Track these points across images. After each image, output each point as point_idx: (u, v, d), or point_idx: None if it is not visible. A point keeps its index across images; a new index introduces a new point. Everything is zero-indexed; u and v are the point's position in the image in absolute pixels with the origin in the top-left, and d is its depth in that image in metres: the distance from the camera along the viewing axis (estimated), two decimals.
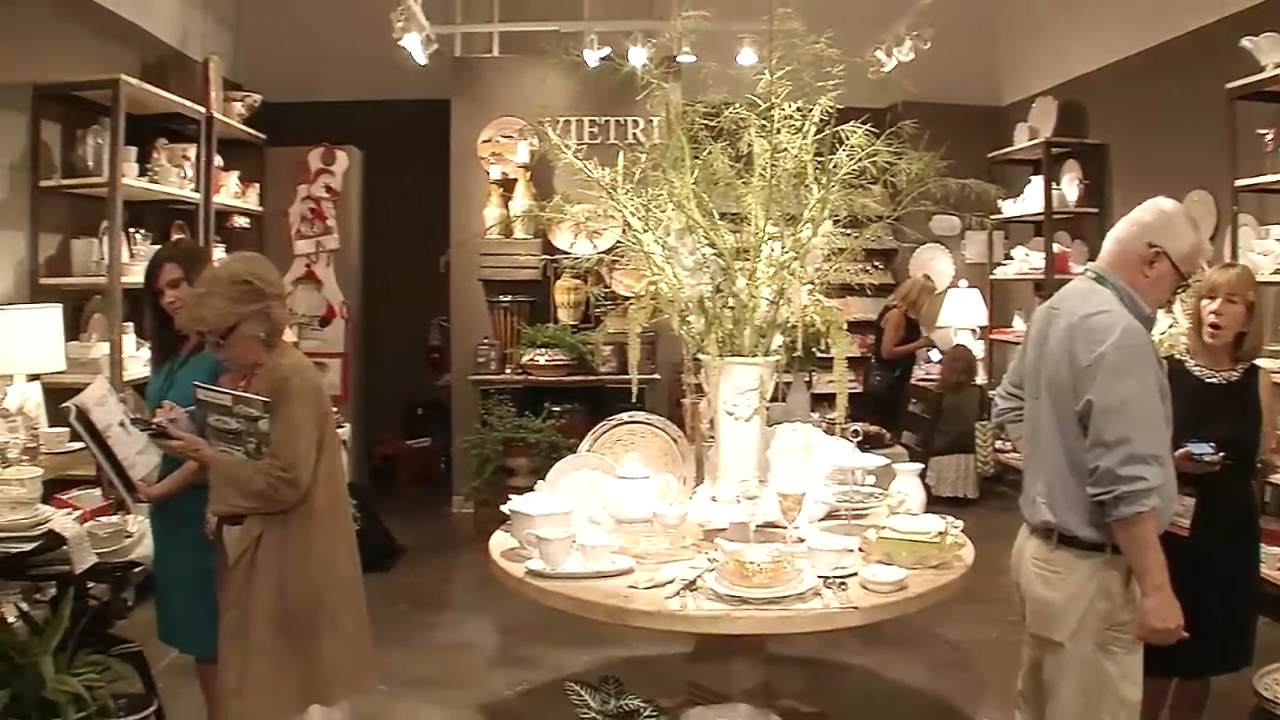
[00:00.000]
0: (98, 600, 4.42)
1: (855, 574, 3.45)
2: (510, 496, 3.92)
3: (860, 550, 3.62)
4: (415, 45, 7.77)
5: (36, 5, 6.13)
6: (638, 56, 7.43)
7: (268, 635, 3.51)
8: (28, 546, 3.96)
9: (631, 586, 3.44)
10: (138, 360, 6.28)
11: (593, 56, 7.83)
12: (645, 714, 3.61)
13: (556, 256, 6.28)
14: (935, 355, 10.00)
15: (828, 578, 3.41)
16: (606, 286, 6.93)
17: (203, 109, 7.50)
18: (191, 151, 7.36)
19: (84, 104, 6.42)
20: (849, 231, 4.07)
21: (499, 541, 3.96)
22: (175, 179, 7.07)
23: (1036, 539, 3.33)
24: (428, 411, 10.27)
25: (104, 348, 6.13)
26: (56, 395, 4.71)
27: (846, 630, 3.56)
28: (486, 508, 7.45)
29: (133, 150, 6.59)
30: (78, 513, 4.39)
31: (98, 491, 4.86)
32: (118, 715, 4.09)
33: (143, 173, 6.76)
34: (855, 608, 3.28)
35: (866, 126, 3.87)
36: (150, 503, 3.94)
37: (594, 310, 8.06)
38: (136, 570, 4.48)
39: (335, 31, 8.99)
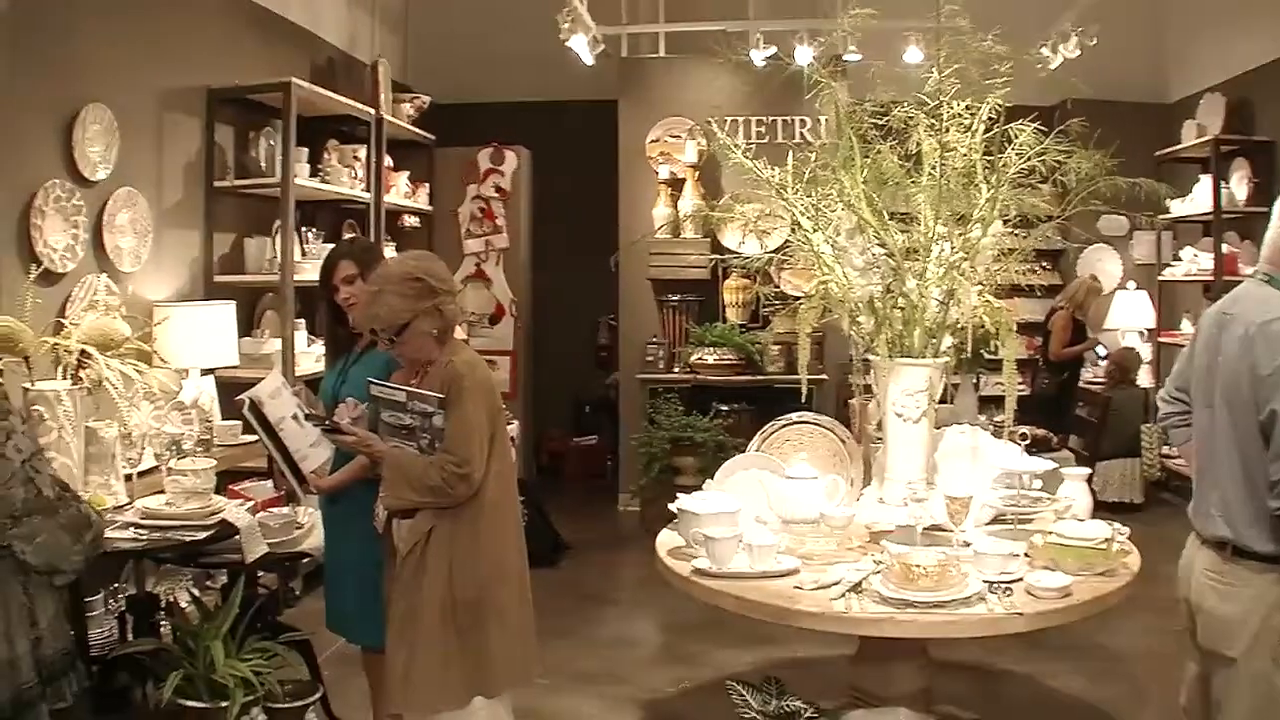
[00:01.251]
0: (267, 589, 4.66)
1: (1020, 579, 3.47)
2: (677, 495, 4.01)
3: (1025, 555, 3.63)
4: (582, 46, 7.98)
5: (210, 12, 6.50)
6: (803, 55, 7.53)
7: (435, 627, 3.64)
8: (201, 535, 4.13)
9: (797, 587, 3.50)
10: (309, 356, 6.62)
11: (758, 56, 7.93)
12: (805, 715, 3.70)
13: (725, 256, 6.39)
14: (1101, 352, 9.88)
15: (992, 583, 3.43)
16: (775, 286, 7.02)
17: (372, 110, 7.82)
18: (362, 152, 7.67)
19: (256, 107, 6.77)
20: (1018, 231, 4.11)
21: (666, 540, 4.06)
22: (346, 179, 7.40)
23: (1209, 551, 3.30)
24: (596, 410, 10.59)
25: (276, 343, 6.46)
26: (230, 389, 4.94)
27: (1008, 636, 3.56)
28: (652, 506, 7.67)
29: (304, 151, 6.89)
30: (250, 503, 4.56)
31: (270, 483, 5.12)
32: (284, 700, 4.31)
33: (314, 173, 7.08)
34: (1019, 614, 3.30)
35: (1034, 125, 3.90)
36: (321, 495, 4.13)
37: (762, 310, 8.19)
38: (305, 561, 4.69)
39: (502, 33, 9.28)
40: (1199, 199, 9.04)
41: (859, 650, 3.91)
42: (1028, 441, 4.07)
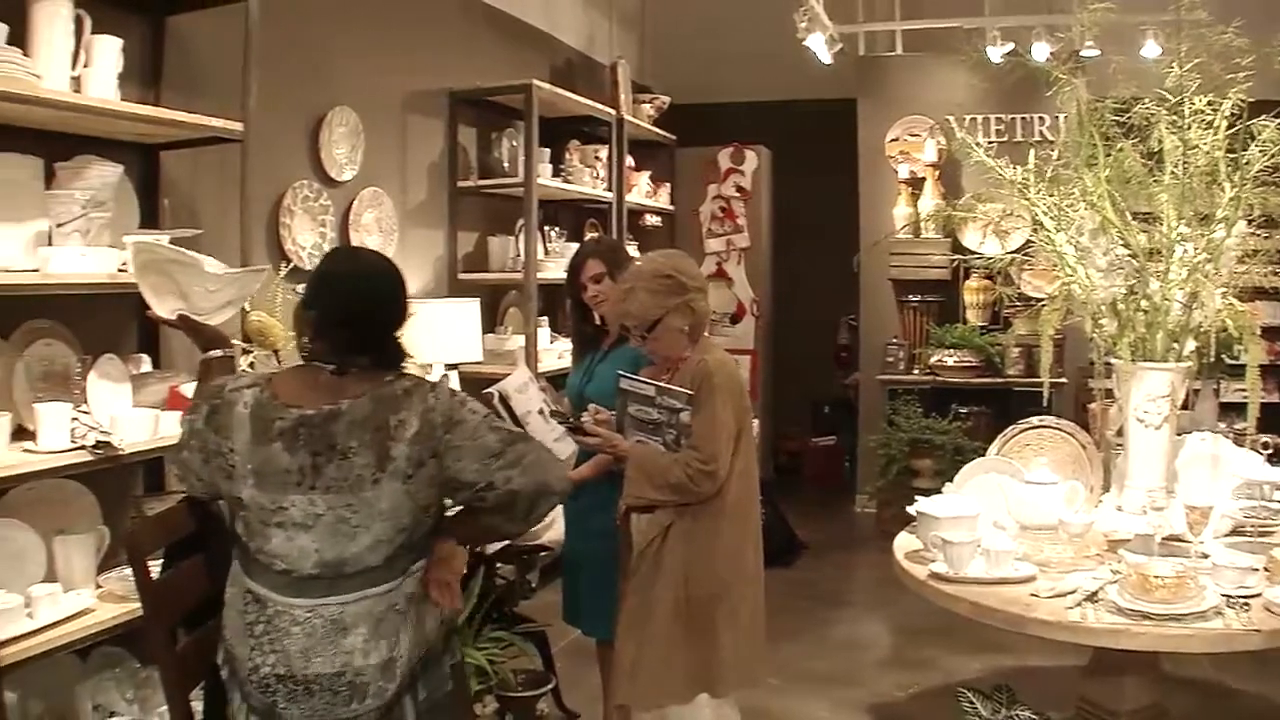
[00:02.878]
0: (505, 580, 4.84)
1: (1259, 594, 3.41)
2: (913, 497, 4.06)
3: (1265, 570, 3.55)
4: (819, 45, 8.03)
5: (451, 17, 6.80)
6: (1040, 51, 7.45)
7: (666, 623, 3.74)
8: None
9: (1033, 594, 3.51)
10: (551, 353, 6.82)
11: (995, 53, 7.89)
12: None
13: (965, 256, 6.37)
14: None
15: (1230, 596, 3.39)
16: (1016, 287, 6.96)
17: (613, 111, 8.05)
18: (603, 152, 7.91)
19: (497, 108, 7.06)
20: (1261, 232, 4.04)
21: (903, 542, 4.11)
22: (588, 179, 7.63)
23: None
24: (834, 410, 10.65)
25: (519, 340, 6.68)
26: (473, 385, 5.04)
27: (1240, 653, 3.45)
28: (889, 508, 7.87)
29: (546, 152, 7.13)
30: None
31: None
32: (517, 690, 4.50)
33: (556, 173, 7.31)
34: (1257, 630, 3.25)
35: (1279, 121, 3.85)
36: None
37: (1002, 311, 8.18)
38: (543, 554, 4.84)
39: (738, 32, 9.37)
40: None
41: (1091, 661, 3.90)
42: (1270, 451, 3.99)
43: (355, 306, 2.77)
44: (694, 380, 3.73)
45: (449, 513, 2.93)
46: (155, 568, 3.07)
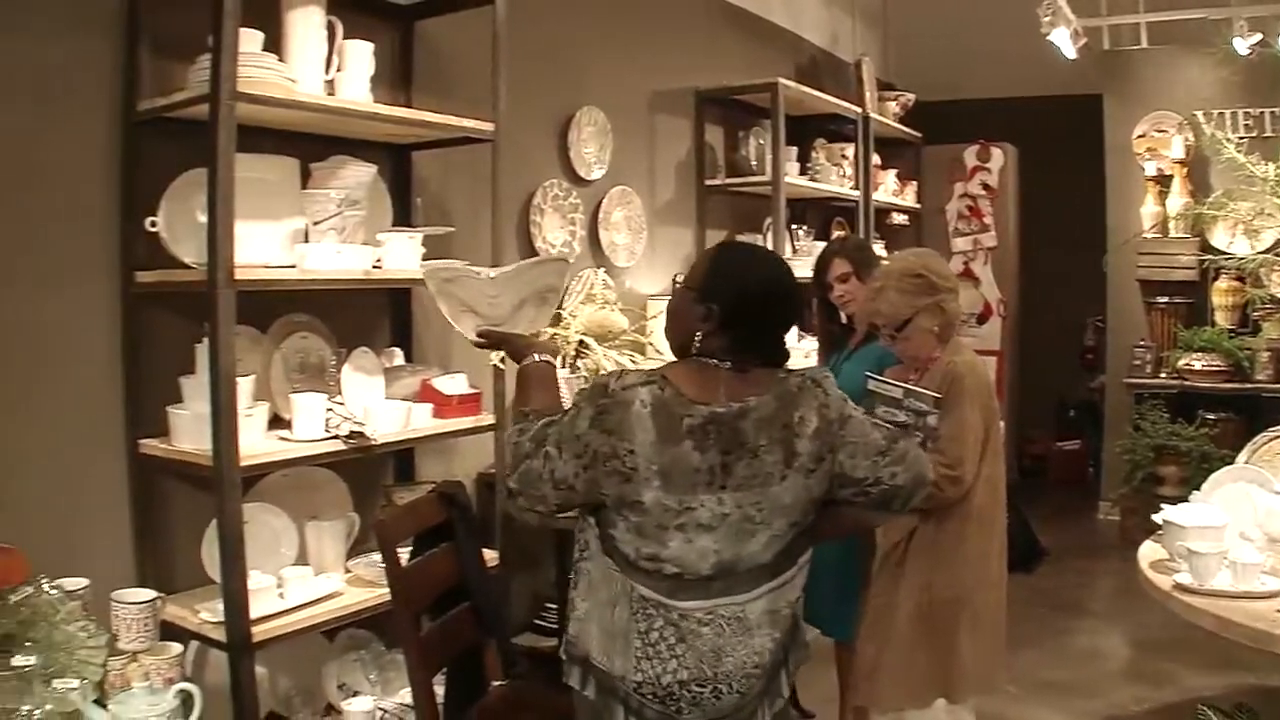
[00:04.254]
0: None
1: None
2: (1158, 505, 3.80)
3: None
4: (1063, 39, 7.59)
5: (696, 17, 6.61)
6: None
7: (907, 626, 3.59)
8: None
9: (1279, 611, 3.23)
10: (798, 351, 6.39)
11: (1242, 44, 7.31)
12: None
13: (1215, 256, 5.90)
14: None
15: None
16: (1267, 289, 6.46)
17: (858, 109, 7.74)
18: (849, 150, 7.59)
19: (744, 107, 6.84)
20: None
21: (1148, 551, 3.87)
22: (835, 177, 7.33)
23: None
24: (1079, 413, 10.03)
25: None
26: None
27: None
28: (1133, 515, 7.34)
29: (793, 150, 6.90)
30: None
31: None
32: None
33: (803, 171, 7.07)
34: None
35: None
36: None
37: (1252, 314, 7.53)
38: None
39: (981, 28, 8.93)
40: None
41: None
42: None
43: (760, 304, 2.57)
44: (943, 382, 3.55)
45: None
46: (404, 555, 3.09)
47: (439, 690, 3.09)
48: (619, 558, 2.49)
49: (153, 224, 3.44)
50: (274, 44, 3.57)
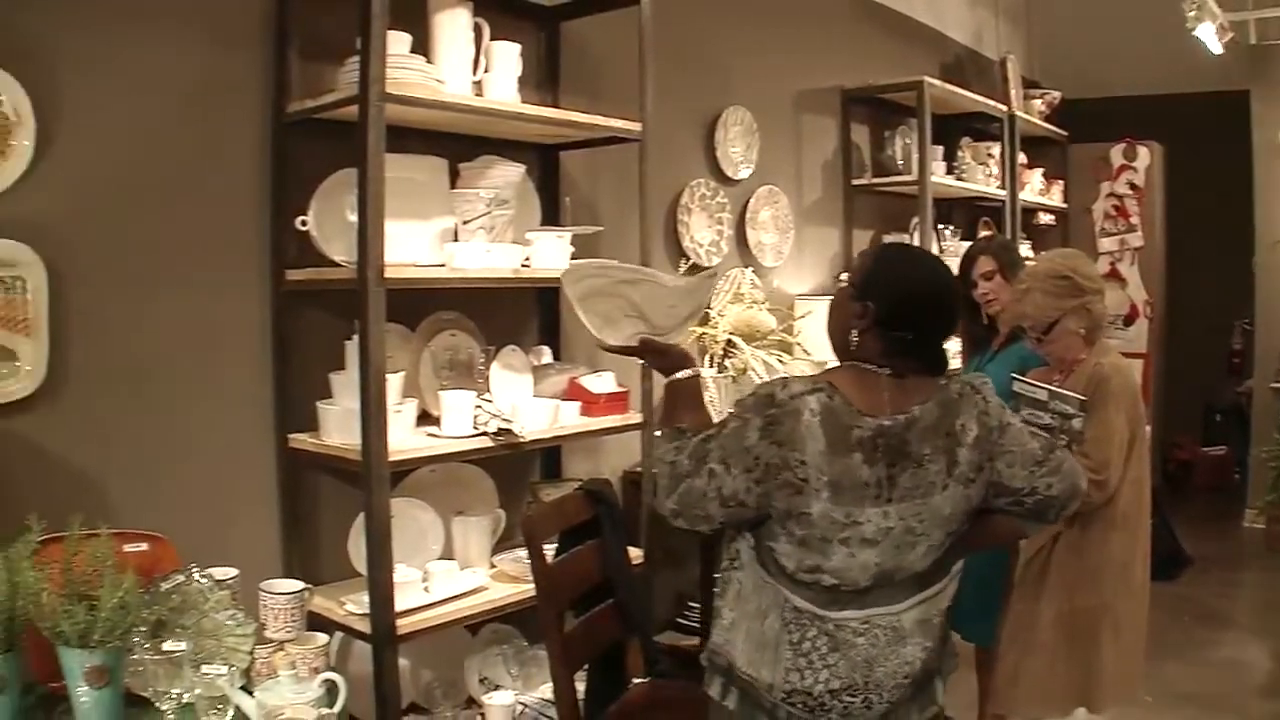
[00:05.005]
0: None
1: None
2: None
3: None
4: (1209, 34, 7.19)
5: (841, 16, 6.39)
6: None
7: (1049, 633, 3.47)
8: None
9: None
10: None
11: None
12: None
13: None
14: None
15: None
16: None
17: (1004, 107, 7.44)
18: (995, 149, 7.32)
19: (889, 106, 6.61)
20: None
21: None
22: (981, 176, 7.07)
23: None
24: (1226, 417, 9.52)
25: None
26: None
27: None
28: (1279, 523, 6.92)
29: (939, 149, 6.67)
30: None
31: None
32: None
33: (949, 170, 6.84)
34: None
35: None
36: None
37: None
38: None
39: (1125, 24, 8.54)
40: None
41: None
42: None
43: (917, 306, 2.42)
44: (1089, 385, 3.41)
45: None
46: (549, 551, 3.05)
47: (579, 686, 3.03)
48: (775, 569, 2.37)
49: (303, 223, 3.41)
50: (421, 46, 3.52)
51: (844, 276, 2.63)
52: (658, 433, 4.22)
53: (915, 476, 2.32)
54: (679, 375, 2.63)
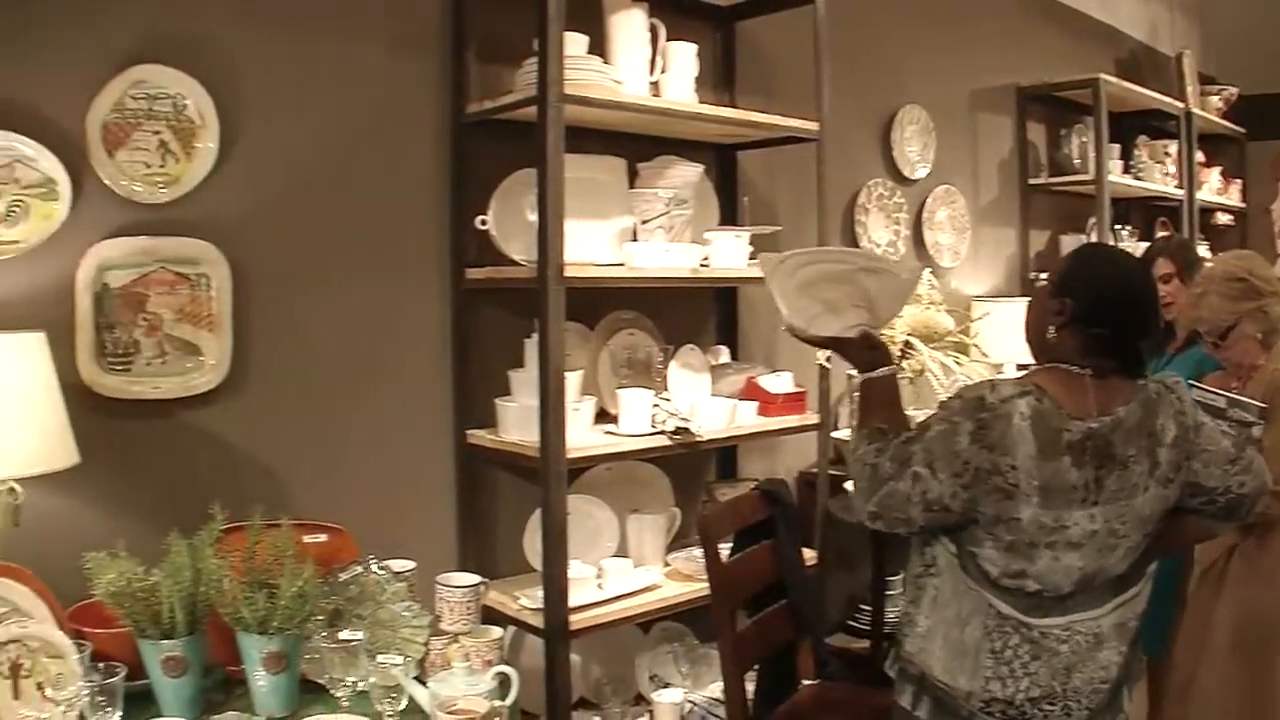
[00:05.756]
0: None
1: None
2: None
3: None
4: None
5: (1015, 12, 6.09)
6: None
7: (1223, 647, 3.20)
8: None
9: None
10: None
11: None
12: None
13: None
14: None
15: None
16: None
17: (1180, 104, 7.03)
18: (1172, 148, 6.94)
19: (1064, 104, 6.28)
20: None
21: None
22: (1158, 175, 6.71)
23: None
24: None
25: None
26: None
27: None
28: None
29: (1115, 148, 6.33)
30: None
31: None
32: None
33: (1126, 170, 6.49)
34: None
35: None
36: None
37: None
38: None
39: None
40: None
41: None
42: None
43: (1115, 304, 2.31)
44: (1267, 391, 3.14)
45: None
46: (723, 551, 2.96)
47: (749, 686, 2.96)
48: (978, 574, 2.27)
49: (483, 222, 3.35)
50: (598, 47, 3.43)
51: (1043, 275, 2.46)
52: (842, 433, 4.16)
53: (1120, 479, 2.22)
54: (878, 372, 2.48)
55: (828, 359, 3.85)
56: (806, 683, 3.17)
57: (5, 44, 2.64)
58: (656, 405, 3.47)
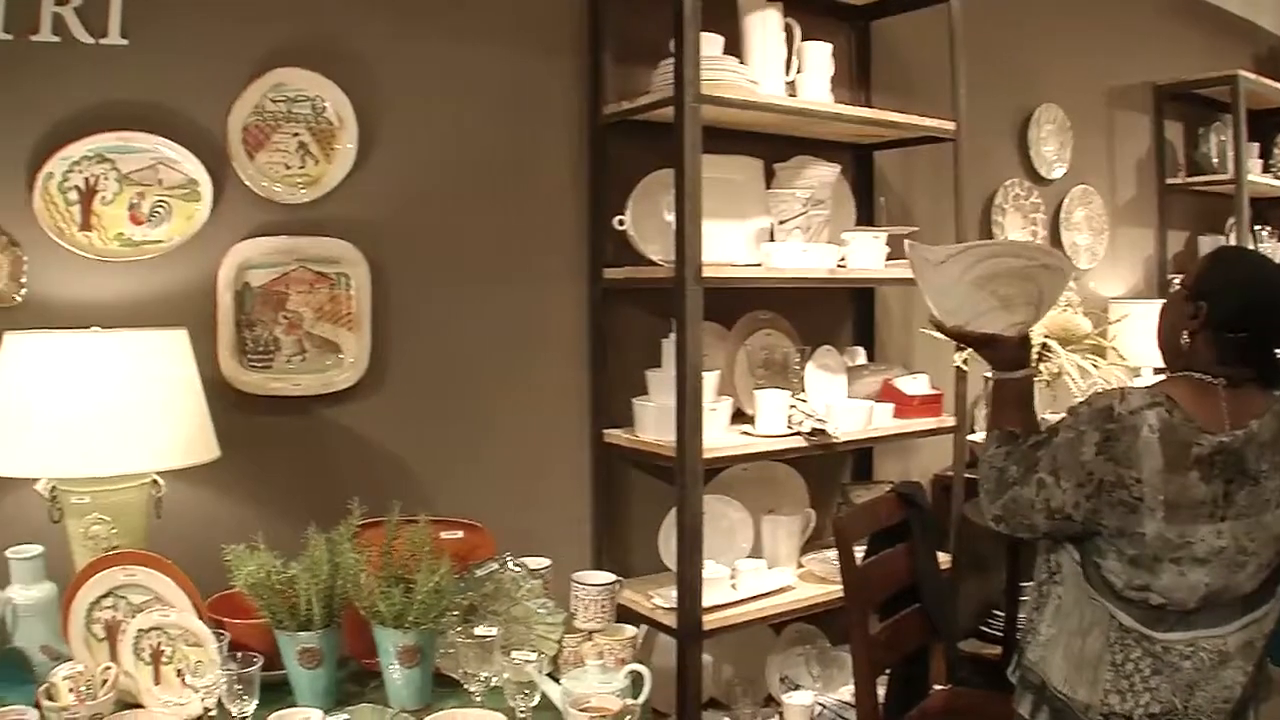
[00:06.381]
0: None
1: None
2: None
3: None
4: None
5: (1151, 9, 5.79)
6: None
7: None
8: None
9: None
10: None
11: None
12: None
13: None
14: None
15: None
16: None
17: None
18: None
19: (1202, 101, 5.95)
20: None
21: None
22: None
23: None
24: None
25: None
26: None
27: None
28: None
29: (1254, 146, 5.97)
30: None
31: None
32: None
33: (1266, 169, 6.12)
34: None
35: None
36: None
37: None
38: None
39: None
40: None
41: None
42: None
43: (1252, 310, 2.17)
44: None
45: None
46: (858, 553, 2.85)
47: (879, 690, 2.87)
48: (1101, 585, 2.16)
49: (620, 223, 3.28)
50: (733, 47, 3.33)
51: (1177, 278, 2.27)
52: (977, 436, 3.99)
53: (1251, 494, 2.09)
54: (1018, 373, 2.34)
55: (965, 360, 3.71)
56: (937, 688, 3.10)
57: (148, 50, 2.66)
58: (793, 406, 3.38)
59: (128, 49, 2.64)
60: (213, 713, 2.10)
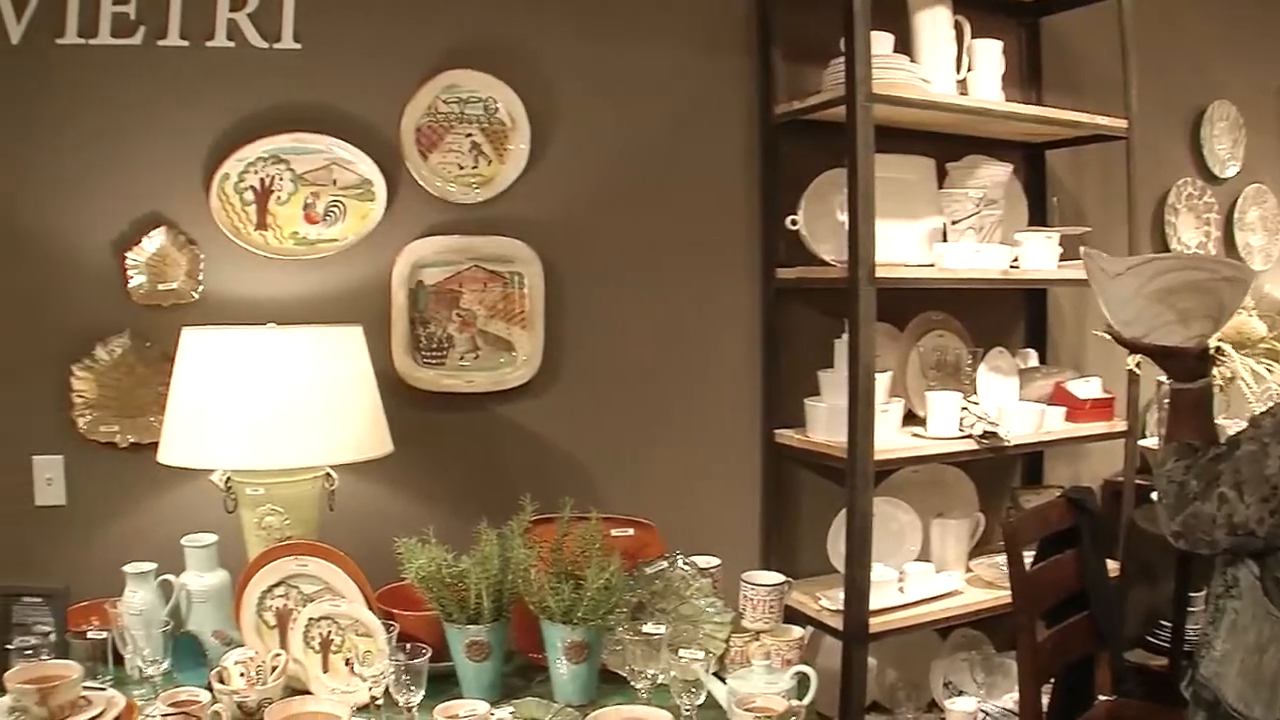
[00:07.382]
0: None
1: None
2: None
3: None
4: None
5: None
6: None
7: None
8: None
9: None
10: None
11: None
12: None
13: None
14: None
15: None
16: None
17: None
18: None
19: None
20: None
21: None
22: None
23: None
24: None
25: None
26: None
27: None
28: None
29: None
30: None
31: None
32: None
33: None
34: None
35: None
36: None
37: None
38: None
39: None
40: None
41: None
42: None
43: None
44: None
45: None
46: (1027, 558, 2.70)
47: (1043, 699, 2.70)
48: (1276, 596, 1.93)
49: (793, 222, 3.14)
50: (902, 45, 3.16)
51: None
52: (1149, 441, 3.72)
53: None
54: (1196, 383, 2.11)
55: (1138, 364, 3.45)
56: (1102, 698, 2.91)
57: (321, 53, 2.67)
58: (965, 408, 3.21)
59: (300, 52, 2.65)
60: (379, 702, 2.06)
